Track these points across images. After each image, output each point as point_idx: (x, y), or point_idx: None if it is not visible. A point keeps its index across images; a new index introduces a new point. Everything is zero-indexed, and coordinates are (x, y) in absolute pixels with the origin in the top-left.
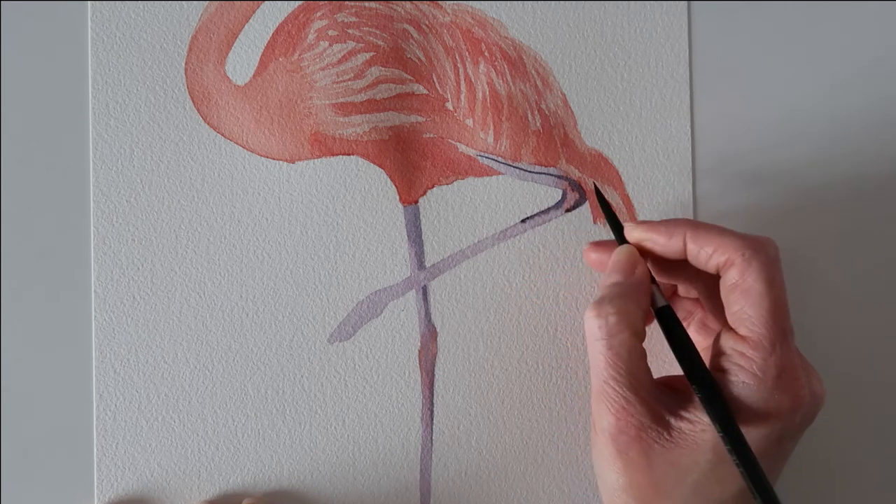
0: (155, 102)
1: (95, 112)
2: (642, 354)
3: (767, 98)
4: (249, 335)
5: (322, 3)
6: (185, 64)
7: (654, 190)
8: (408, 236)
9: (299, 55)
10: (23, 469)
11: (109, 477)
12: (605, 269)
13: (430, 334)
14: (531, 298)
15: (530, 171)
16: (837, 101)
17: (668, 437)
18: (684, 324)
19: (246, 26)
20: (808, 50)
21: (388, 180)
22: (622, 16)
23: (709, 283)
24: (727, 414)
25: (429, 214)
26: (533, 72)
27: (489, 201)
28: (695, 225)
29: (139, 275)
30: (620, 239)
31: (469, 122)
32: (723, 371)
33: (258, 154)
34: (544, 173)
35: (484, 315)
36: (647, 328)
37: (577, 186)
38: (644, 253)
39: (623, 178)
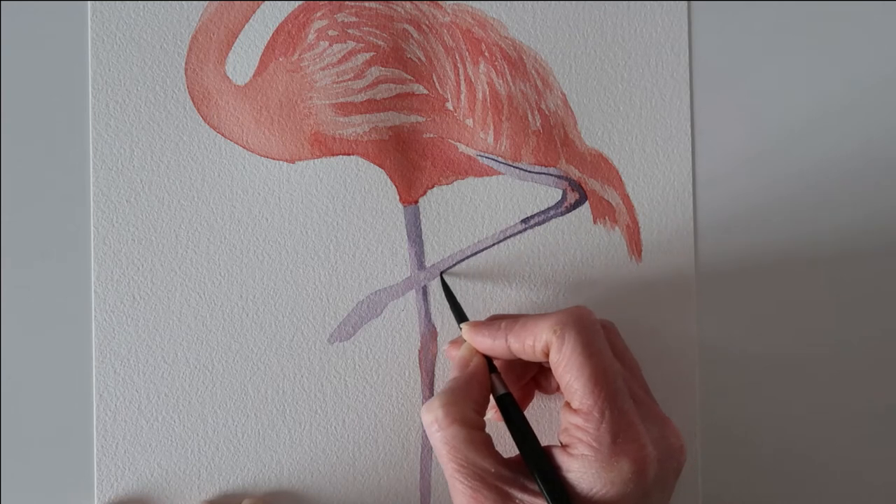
0: (155, 102)
1: (95, 112)
2: (481, 441)
3: (767, 98)
4: (249, 335)
5: (322, 3)
6: (185, 64)
7: (654, 190)
8: (408, 236)
9: (299, 55)
10: (23, 469)
11: (109, 477)
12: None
13: (430, 334)
14: (531, 298)
15: (530, 171)
16: (837, 101)
17: None
18: (559, 391)
19: (246, 26)
20: (808, 50)
21: (388, 180)
22: (622, 16)
23: (541, 366)
24: (562, 496)
25: (429, 214)
26: (533, 72)
27: (489, 201)
28: (511, 323)
29: (139, 275)
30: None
31: (469, 122)
32: (566, 446)
33: (258, 154)
34: (544, 173)
35: (484, 315)
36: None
37: (577, 186)
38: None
39: (623, 178)
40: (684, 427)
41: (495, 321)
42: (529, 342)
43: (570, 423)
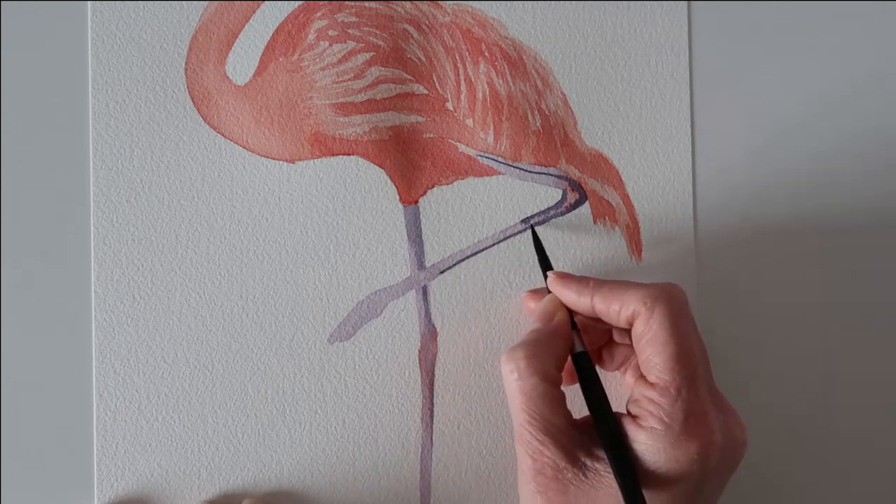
0: (155, 102)
1: (95, 112)
2: (557, 398)
3: (767, 98)
4: (249, 335)
5: (322, 3)
6: (185, 64)
7: (654, 190)
8: (408, 236)
9: (299, 55)
10: (23, 469)
11: (109, 477)
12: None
13: (430, 334)
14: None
15: (530, 171)
16: (837, 100)
17: (583, 478)
18: (621, 369)
19: (246, 26)
20: (807, 50)
21: (388, 180)
22: (622, 16)
23: (622, 333)
24: (626, 464)
25: (429, 214)
26: (533, 72)
27: (489, 201)
28: (599, 284)
29: (139, 275)
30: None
31: (469, 122)
32: (635, 417)
33: (258, 154)
34: (544, 173)
35: (484, 315)
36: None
37: (577, 186)
38: None
39: (623, 178)
40: None
41: (584, 278)
42: (616, 307)
43: (643, 396)
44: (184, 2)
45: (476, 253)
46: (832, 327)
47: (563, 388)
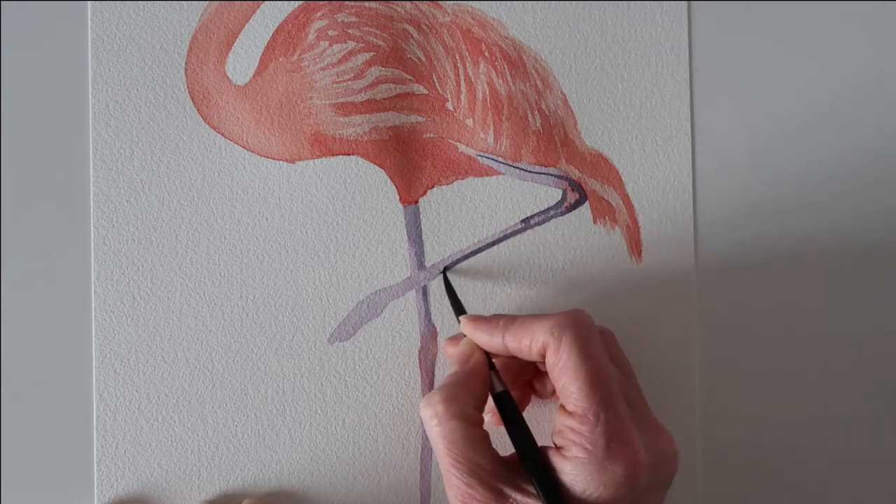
0: (155, 102)
1: (95, 112)
2: (479, 438)
3: (767, 98)
4: (249, 335)
5: (322, 3)
6: (185, 64)
7: (654, 190)
8: (408, 236)
9: (299, 55)
10: (23, 469)
11: (109, 477)
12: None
13: (430, 334)
14: (531, 298)
15: (530, 171)
16: (837, 100)
17: None
18: (554, 396)
19: (246, 26)
20: (807, 50)
21: (388, 180)
22: (622, 16)
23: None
24: (556, 497)
25: (429, 214)
26: (533, 72)
27: (489, 201)
28: (509, 321)
29: (139, 275)
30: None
31: (469, 122)
32: (560, 448)
33: (258, 154)
34: (544, 173)
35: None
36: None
37: (577, 186)
38: None
39: (623, 178)
40: (684, 427)
41: (494, 318)
42: (526, 342)
43: (564, 426)
44: (184, 2)
45: (476, 253)
46: (832, 327)
47: (490, 427)
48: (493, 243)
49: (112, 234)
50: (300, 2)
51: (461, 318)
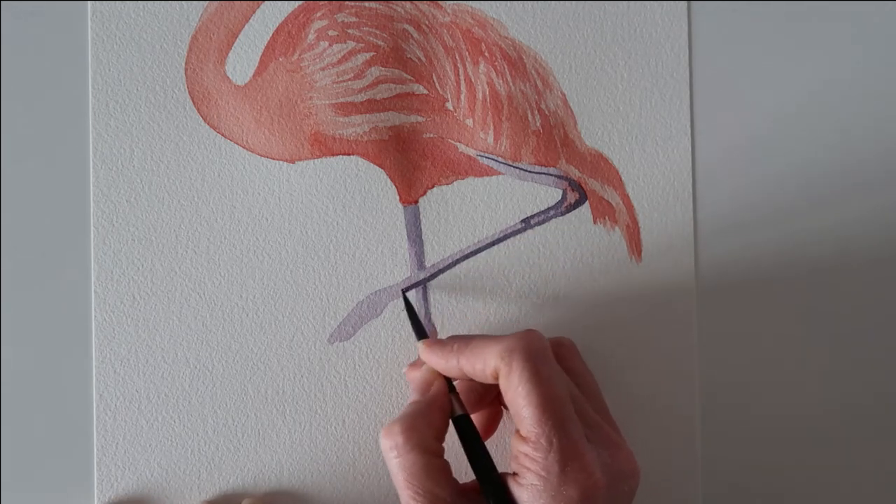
0: (155, 102)
1: (95, 112)
2: (439, 468)
3: (767, 98)
4: (249, 335)
5: (322, 3)
6: (185, 64)
7: (654, 190)
8: (408, 236)
9: (299, 55)
10: (23, 469)
11: (109, 477)
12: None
13: (430, 334)
14: (531, 298)
15: (530, 171)
16: (838, 101)
17: None
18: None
19: (246, 26)
20: (807, 50)
21: (388, 180)
22: (622, 16)
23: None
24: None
25: (429, 214)
26: (533, 72)
27: (489, 201)
28: (463, 345)
29: (139, 275)
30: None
31: (469, 122)
32: (515, 474)
33: (258, 154)
34: (544, 173)
35: (484, 315)
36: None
37: (577, 186)
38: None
39: (623, 178)
40: (684, 427)
41: (449, 342)
42: (479, 366)
43: (519, 451)
44: (184, 2)
45: (476, 253)
46: (833, 325)
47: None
48: (493, 243)
49: (112, 234)
50: (300, 2)
51: (419, 343)
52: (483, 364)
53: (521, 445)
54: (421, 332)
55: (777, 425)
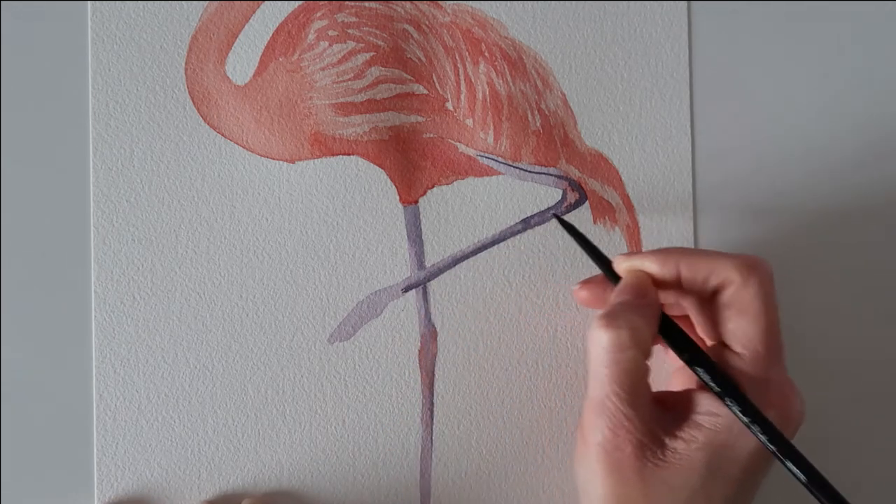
0: (155, 102)
1: (95, 112)
2: (646, 372)
3: (767, 98)
4: (249, 335)
5: (322, 3)
6: (185, 64)
7: (654, 190)
8: (408, 236)
9: (299, 55)
10: (23, 469)
11: (109, 477)
12: (599, 305)
13: (430, 334)
14: (531, 298)
15: (530, 171)
16: (838, 100)
17: (661, 457)
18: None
19: (246, 26)
20: (808, 50)
21: (388, 180)
22: (622, 16)
23: (698, 302)
24: (739, 391)
25: (429, 214)
26: (533, 72)
27: (489, 201)
28: (687, 252)
29: (139, 275)
30: (609, 273)
31: (469, 122)
32: None
33: (258, 154)
34: (544, 173)
35: (484, 315)
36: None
37: (577, 186)
38: None
39: (623, 178)
40: None
41: (664, 250)
42: (703, 273)
43: (727, 366)
44: (184, 2)
45: (476, 253)
46: (833, 325)
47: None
48: (493, 243)
49: (112, 234)
50: (300, 2)
51: (619, 256)
52: (709, 272)
53: (734, 359)
54: (602, 258)
55: None
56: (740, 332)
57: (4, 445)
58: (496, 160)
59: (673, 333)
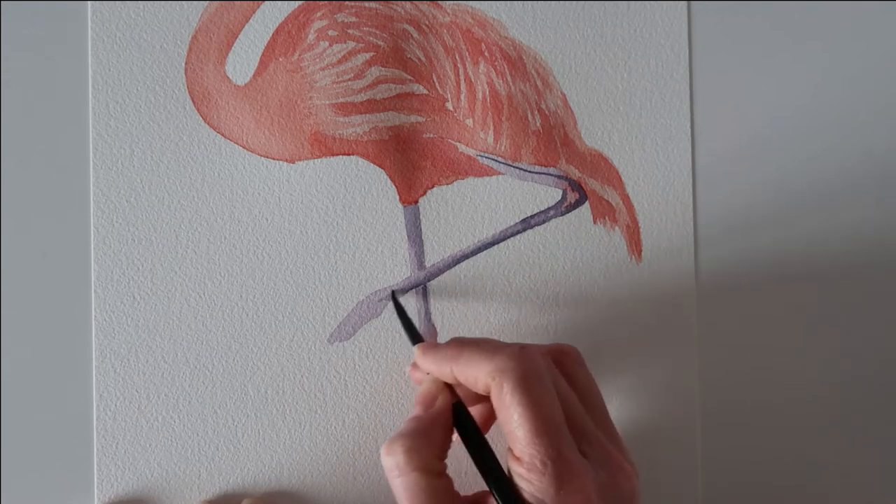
0: (155, 102)
1: (95, 112)
2: (441, 489)
3: (767, 98)
4: (249, 335)
5: (322, 3)
6: (185, 64)
7: (654, 190)
8: (408, 236)
9: (299, 55)
10: (23, 469)
11: (109, 477)
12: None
13: (430, 334)
14: (531, 298)
15: (530, 171)
16: (838, 101)
17: None
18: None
19: (246, 26)
20: (807, 50)
21: (388, 180)
22: (622, 16)
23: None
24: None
25: (429, 214)
26: (533, 72)
27: (489, 201)
28: (458, 350)
29: (139, 275)
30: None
31: (469, 122)
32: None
33: (258, 154)
34: (544, 173)
35: (484, 315)
36: None
37: (577, 186)
38: None
39: (623, 178)
40: (684, 426)
41: (444, 348)
42: (472, 379)
43: (513, 472)
44: (184, 2)
45: (476, 253)
46: (833, 324)
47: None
48: (493, 243)
49: (112, 234)
50: (300, 2)
51: (416, 347)
52: (475, 378)
53: (516, 466)
54: (414, 335)
55: (777, 424)
56: (513, 436)
57: (4, 445)
58: (496, 160)
59: (469, 434)
